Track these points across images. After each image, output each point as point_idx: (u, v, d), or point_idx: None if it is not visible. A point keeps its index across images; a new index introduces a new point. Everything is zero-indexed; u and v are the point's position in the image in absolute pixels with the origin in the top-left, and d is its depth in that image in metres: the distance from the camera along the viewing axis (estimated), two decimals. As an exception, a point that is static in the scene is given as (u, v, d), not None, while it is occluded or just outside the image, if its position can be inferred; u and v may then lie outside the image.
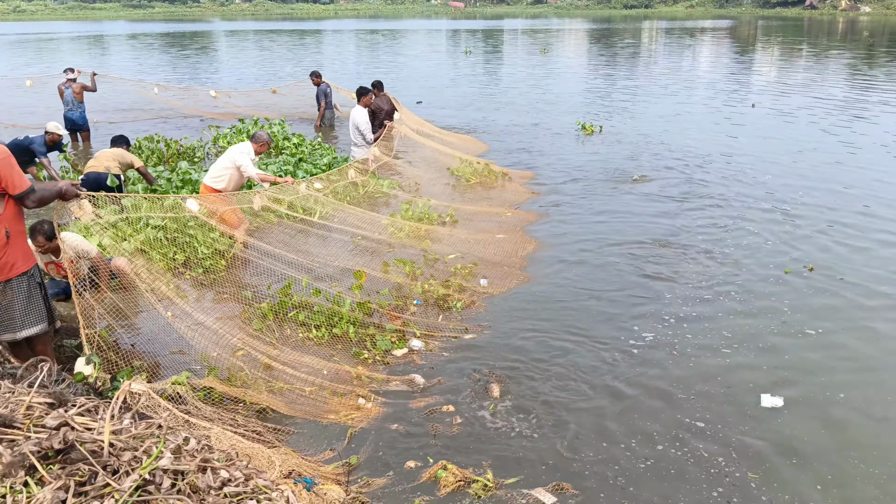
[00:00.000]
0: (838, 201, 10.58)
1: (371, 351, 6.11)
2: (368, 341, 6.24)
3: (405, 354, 6.11)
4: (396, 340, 6.28)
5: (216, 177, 8.55)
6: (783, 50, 39.74)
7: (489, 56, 39.06)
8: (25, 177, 4.64)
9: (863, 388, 5.60)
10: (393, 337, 6.31)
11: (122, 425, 3.01)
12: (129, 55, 40.02)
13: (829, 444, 4.90)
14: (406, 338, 6.34)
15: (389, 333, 6.35)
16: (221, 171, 8.53)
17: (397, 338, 6.32)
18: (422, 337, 6.37)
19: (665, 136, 15.66)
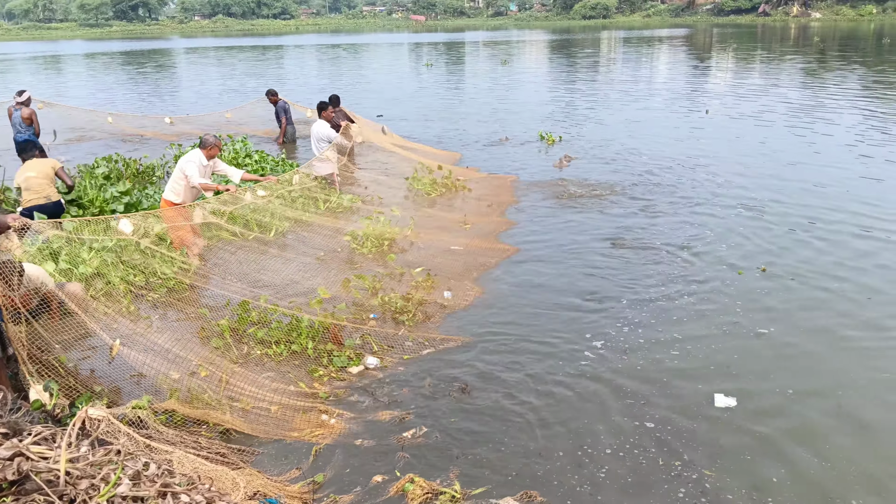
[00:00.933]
0: (793, 202, 10.82)
1: (327, 368, 6.08)
2: (325, 358, 6.21)
3: (361, 372, 6.07)
4: (354, 357, 6.24)
5: (173, 189, 8.44)
6: (738, 56, 40.61)
7: (450, 68, 39.27)
8: None
9: (815, 386, 5.74)
10: (351, 353, 6.28)
11: (79, 453, 2.96)
12: (87, 75, 39.44)
13: (783, 441, 5.00)
14: (363, 354, 6.30)
15: (348, 350, 6.33)
16: (175, 184, 8.42)
17: (354, 354, 6.29)
18: (379, 352, 6.35)
19: (625, 143, 15.88)
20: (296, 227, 9.63)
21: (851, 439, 5.04)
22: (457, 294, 7.64)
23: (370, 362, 6.17)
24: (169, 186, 8.52)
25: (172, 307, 7.20)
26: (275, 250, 8.57)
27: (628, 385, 5.77)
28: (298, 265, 8.22)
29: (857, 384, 5.74)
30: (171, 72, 40.42)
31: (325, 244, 9.11)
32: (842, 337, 6.59)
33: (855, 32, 60.56)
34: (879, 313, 7.01)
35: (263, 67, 41.58)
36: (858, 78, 27.55)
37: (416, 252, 8.92)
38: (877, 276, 7.91)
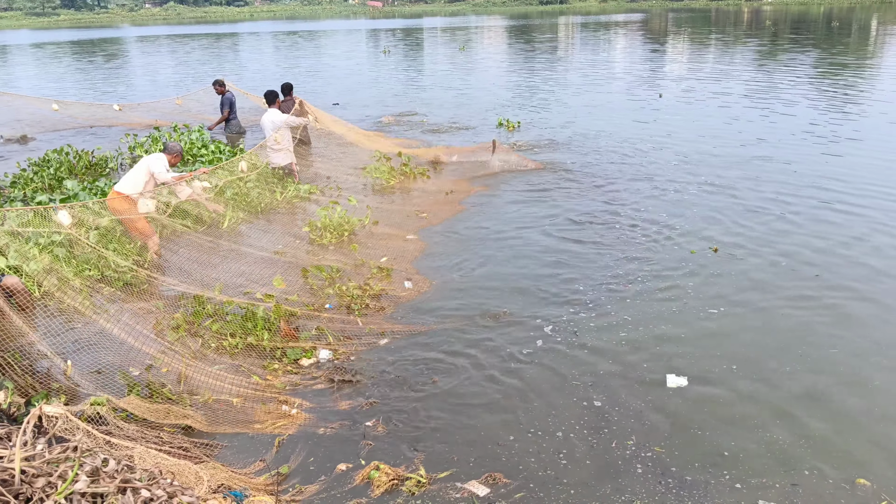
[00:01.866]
0: (747, 182, 11.06)
1: (281, 361, 6.04)
2: (279, 351, 6.17)
3: (312, 364, 6.04)
4: (308, 349, 6.21)
5: (132, 183, 8.20)
6: (693, 40, 41.13)
7: (409, 55, 39.04)
8: None
9: (763, 363, 5.88)
10: (305, 345, 6.24)
11: (35, 451, 2.91)
12: (34, 66, 38.31)
13: (733, 417, 5.15)
14: (317, 346, 6.27)
15: (302, 341, 6.29)
16: (135, 179, 8.22)
17: (309, 346, 6.25)
18: (334, 342, 6.32)
19: (582, 128, 16.05)
20: (252, 218, 9.53)
21: (801, 413, 5.19)
22: (413, 283, 7.65)
23: (322, 355, 6.13)
24: (127, 180, 8.25)
25: (129, 301, 7.07)
26: (229, 243, 8.45)
27: (582, 367, 5.88)
28: (256, 257, 8.13)
29: (806, 360, 5.91)
30: (121, 61, 39.47)
31: (283, 235, 9.04)
32: (788, 315, 6.75)
33: (805, 16, 61.86)
34: (827, 289, 7.22)
35: (218, 55, 40.85)
36: (811, 60, 28.14)
37: (374, 242, 8.88)
38: (830, 254, 8.12)
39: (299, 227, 9.21)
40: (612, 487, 4.41)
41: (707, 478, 4.49)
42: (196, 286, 7.05)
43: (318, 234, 8.86)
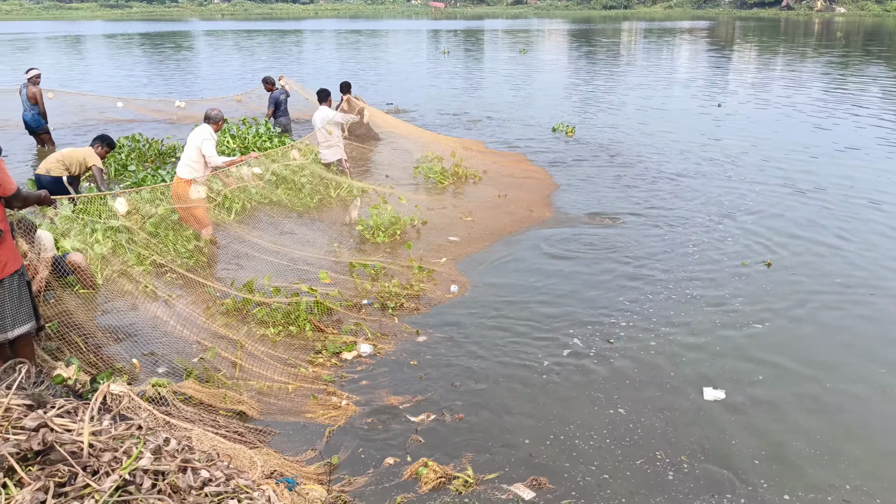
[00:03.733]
0: (808, 198, 10.79)
1: (320, 353, 6.12)
2: (320, 343, 6.25)
3: (355, 357, 6.10)
4: (348, 343, 6.26)
5: (189, 168, 8.31)
6: (759, 50, 40.18)
7: (468, 56, 39.12)
8: (13, 180, 4.63)
9: (805, 383, 5.73)
10: (346, 339, 6.31)
11: (101, 426, 3.01)
12: (106, 56, 39.62)
13: (769, 432, 5.05)
14: (357, 341, 6.32)
15: (343, 335, 6.36)
16: (192, 162, 8.30)
17: (349, 340, 6.31)
18: (373, 339, 6.37)
19: (637, 135, 15.93)
20: (306, 212, 9.69)
21: (840, 434, 5.05)
22: (456, 286, 7.63)
23: (364, 350, 6.18)
24: (185, 165, 8.36)
25: (185, 287, 7.26)
26: (280, 235, 8.59)
27: (622, 377, 5.81)
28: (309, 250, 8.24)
29: (853, 383, 5.73)
30: (188, 54, 40.53)
31: (335, 230, 9.14)
32: (838, 335, 6.57)
33: (880, 28, 59.73)
34: (881, 311, 7.02)
35: (281, 52, 41.59)
36: (884, 74, 27.21)
37: (420, 242, 8.92)
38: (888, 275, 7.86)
39: (350, 223, 9.31)
40: (654, 500, 4.35)
41: (750, 492, 4.40)
42: (247, 273, 7.20)
43: (371, 233, 8.94)
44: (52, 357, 5.51)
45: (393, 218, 9.15)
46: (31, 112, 13.84)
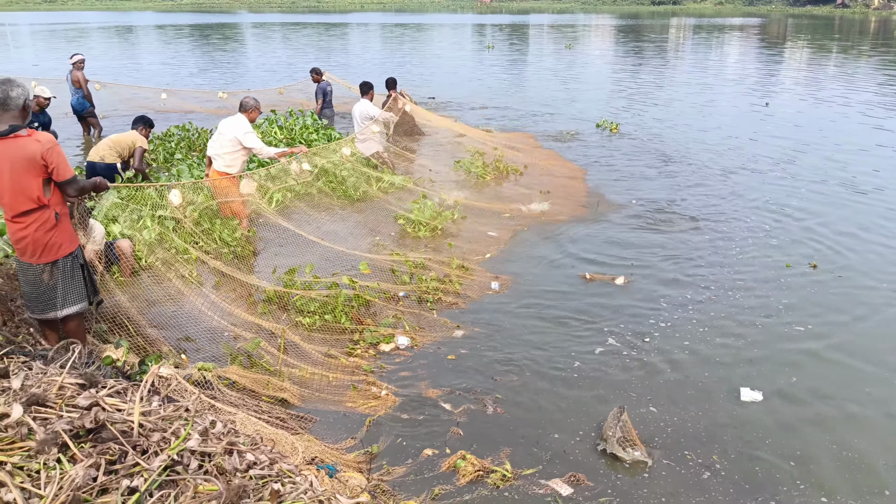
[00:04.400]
0: (855, 200, 10.56)
1: (357, 343, 6.16)
2: (357, 334, 6.29)
3: (392, 350, 6.12)
4: (386, 335, 6.29)
5: (228, 165, 8.27)
6: (811, 48, 39.20)
7: (513, 51, 38.93)
8: (70, 167, 4.75)
9: (846, 386, 5.63)
10: (384, 330, 6.34)
11: (150, 407, 3.08)
12: (156, 46, 40.39)
13: (806, 435, 4.99)
14: (394, 333, 6.34)
15: (382, 327, 6.39)
16: (230, 156, 8.21)
17: (387, 332, 6.34)
18: (410, 331, 6.39)
19: (683, 132, 15.73)
20: (349, 205, 9.75)
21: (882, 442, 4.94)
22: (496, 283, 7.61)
23: (401, 342, 6.21)
24: (222, 158, 8.24)
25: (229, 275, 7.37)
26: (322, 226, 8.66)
27: (659, 376, 5.77)
28: (348, 243, 8.28)
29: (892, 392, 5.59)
30: (236, 45, 41.09)
31: (377, 223, 9.19)
32: (882, 341, 6.41)
33: (940, 27, 57.83)
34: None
35: (327, 45, 41.91)
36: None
37: (460, 237, 8.92)
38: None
39: (393, 218, 9.35)
40: (691, 501, 4.29)
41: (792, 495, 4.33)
42: (289, 262, 7.28)
43: (414, 228, 8.95)
44: (100, 340, 5.66)
45: (434, 213, 9.16)
46: (75, 96, 14.11)
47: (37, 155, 4.52)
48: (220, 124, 8.37)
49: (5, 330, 5.06)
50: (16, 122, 4.58)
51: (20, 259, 4.86)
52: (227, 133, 8.17)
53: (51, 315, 4.95)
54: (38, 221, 4.69)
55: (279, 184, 8.99)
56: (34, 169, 4.55)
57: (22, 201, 4.62)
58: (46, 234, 4.74)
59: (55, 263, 4.86)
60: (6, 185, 4.58)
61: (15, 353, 3.84)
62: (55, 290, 4.90)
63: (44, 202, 4.66)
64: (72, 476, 2.46)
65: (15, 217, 4.68)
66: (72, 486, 2.39)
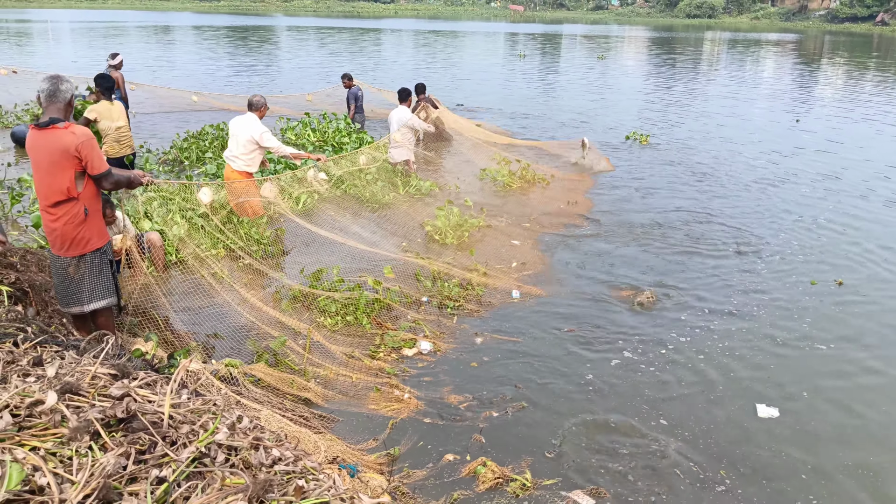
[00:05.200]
0: (883, 220, 10.44)
1: (379, 347, 6.20)
2: (378, 338, 6.33)
3: (415, 354, 6.15)
4: (407, 339, 6.33)
5: (247, 164, 8.39)
6: (848, 66, 38.67)
7: (545, 60, 38.91)
8: (104, 159, 4.84)
9: (865, 405, 5.59)
10: (404, 335, 6.37)
11: (180, 400, 3.14)
12: (192, 47, 40.97)
13: (821, 453, 4.98)
14: (416, 338, 6.38)
15: (401, 332, 6.42)
16: (249, 155, 8.34)
17: (408, 337, 6.37)
18: (431, 336, 6.41)
19: (713, 146, 15.62)
20: (378, 209, 9.81)
21: None
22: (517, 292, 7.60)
23: (424, 347, 6.23)
24: (240, 158, 8.35)
25: (258, 272, 7.46)
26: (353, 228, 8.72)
27: (678, 390, 5.75)
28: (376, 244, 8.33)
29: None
30: (270, 47, 41.54)
31: (404, 228, 9.23)
32: None
33: (982, 48, 56.72)
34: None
35: (360, 50, 42.21)
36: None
37: (484, 245, 8.92)
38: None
39: (419, 224, 9.39)
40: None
41: None
42: (313, 263, 7.35)
43: (442, 235, 8.97)
44: (130, 334, 5.76)
45: (459, 220, 9.17)
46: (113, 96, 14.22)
47: (71, 147, 4.62)
48: (230, 125, 8.52)
49: (38, 320, 5.17)
50: (57, 116, 4.69)
51: (51, 251, 4.97)
52: (242, 134, 8.31)
53: (76, 309, 5.04)
54: (68, 215, 4.78)
55: (300, 189, 9.07)
56: (68, 161, 4.65)
57: (53, 192, 4.72)
58: (75, 228, 4.83)
59: (82, 258, 4.95)
60: (43, 175, 4.69)
61: (48, 342, 3.93)
62: (82, 284, 4.99)
63: (74, 195, 4.75)
64: (103, 463, 2.52)
65: (47, 208, 4.79)
66: (103, 473, 2.44)
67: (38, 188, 4.77)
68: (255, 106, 8.41)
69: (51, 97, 4.68)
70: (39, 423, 2.72)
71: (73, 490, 2.35)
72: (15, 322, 4.44)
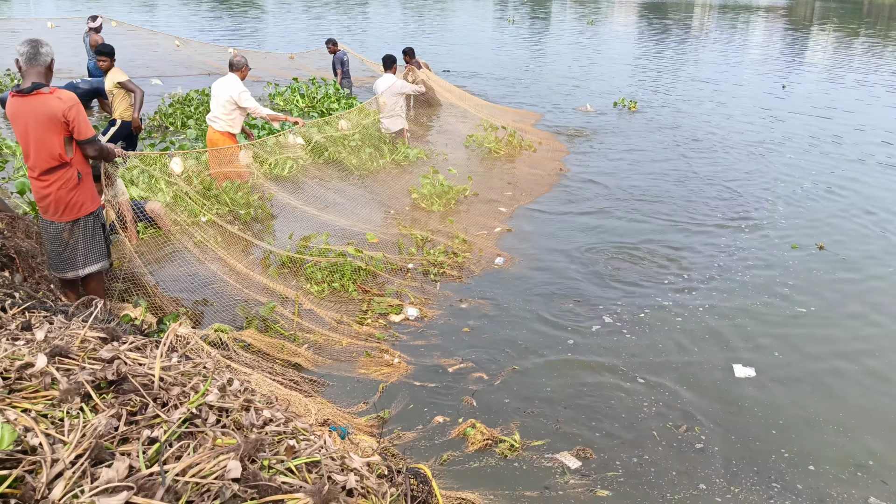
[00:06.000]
0: (866, 185, 10.53)
1: (366, 313, 6.21)
2: (365, 304, 6.33)
3: (403, 320, 6.17)
4: (393, 305, 6.34)
5: (228, 123, 8.34)
6: (837, 33, 38.52)
7: (534, 25, 38.51)
8: (91, 126, 4.79)
9: (843, 369, 5.69)
10: (391, 301, 6.38)
11: (170, 363, 3.15)
12: (176, 9, 40.21)
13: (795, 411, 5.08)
14: (402, 304, 6.39)
15: (388, 298, 6.43)
16: (229, 115, 8.30)
17: (396, 303, 6.39)
18: (416, 303, 6.43)
19: (701, 112, 15.64)
20: (366, 175, 9.76)
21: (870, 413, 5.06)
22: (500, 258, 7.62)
23: (411, 313, 6.25)
24: (221, 119, 8.32)
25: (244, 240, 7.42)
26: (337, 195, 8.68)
27: (664, 355, 5.81)
28: (358, 215, 8.31)
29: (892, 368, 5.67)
30: (255, 13, 40.85)
31: (390, 195, 9.20)
32: (882, 323, 6.44)
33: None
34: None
35: (348, 14, 41.59)
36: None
37: (468, 213, 8.91)
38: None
39: (405, 191, 9.35)
40: (685, 476, 4.35)
41: (783, 472, 4.43)
42: (298, 229, 7.33)
43: (429, 202, 8.93)
44: (119, 300, 5.74)
45: (444, 187, 9.12)
46: (94, 60, 13.85)
47: (58, 112, 4.56)
48: (213, 86, 8.48)
49: (26, 285, 5.15)
50: (39, 80, 4.63)
51: (43, 217, 4.93)
52: (222, 94, 8.28)
53: (71, 274, 5.03)
54: (62, 180, 4.75)
55: (276, 155, 8.99)
56: (55, 126, 4.60)
57: (45, 159, 4.68)
58: (69, 192, 4.81)
59: (76, 222, 4.93)
60: (30, 142, 4.64)
61: (36, 307, 3.92)
62: (76, 249, 4.98)
63: (66, 160, 4.72)
64: (94, 424, 2.53)
65: (40, 175, 4.74)
66: (94, 433, 2.45)
67: (27, 156, 4.71)
68: (237, 66, 8.36)
69: (30, 60, 4.61)
70: (30, 386, 2.72)
71: (66, 450, 2.36)
72: (2, 287, 4.42)
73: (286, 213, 8.15)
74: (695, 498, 4.18)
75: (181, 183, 7.45)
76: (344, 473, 2.61)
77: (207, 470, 2.29)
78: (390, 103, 11.01)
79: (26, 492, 2.10)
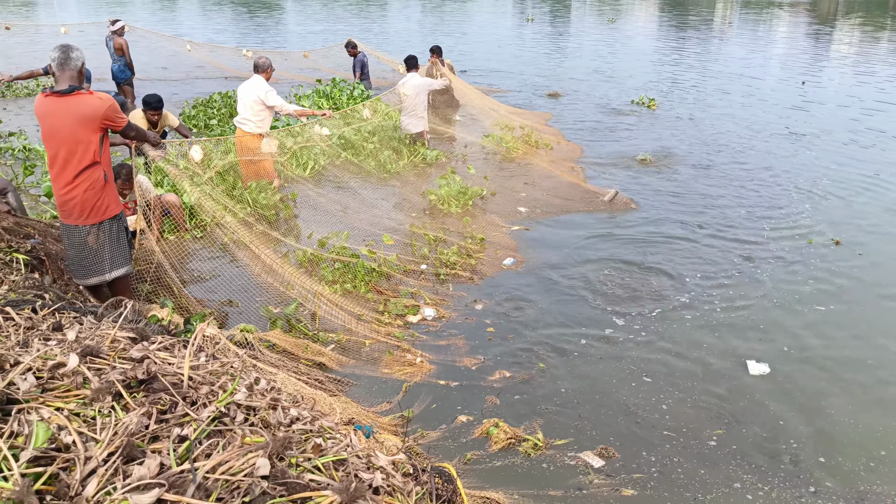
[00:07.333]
0: (884, 181, 10.41)
1: (382, 314, 6.23)
2: (381, 305, 6.36)
3: (420, 320, 6.18)
4: (409, 306, 6.35)
5: (256, 123, 8.38)
6: (863, 28, 37.97)
7: (554, 23, 38.38)
8: (124, 115, 4.93)
9: (858, 362, 5.65)
10: (407, 302, 6.40)
11: (199, 362, 3.19)
12: (197, 10, 40.58)
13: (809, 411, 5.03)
14: (418, 305, 6.40)
15: (403, 298, 6.44)
16: (258, 116, 8.34)
17: (412, 303, 6.40)
18: (431, 304, 6.44)
19: (720, 111, 15.44)
20: (382, 177, 9.78)
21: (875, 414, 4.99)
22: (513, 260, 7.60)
23: (428, 313, 6.26)
24: (251, 120, 8.35)
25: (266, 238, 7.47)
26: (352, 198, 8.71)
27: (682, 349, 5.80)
28: (375, 215, 8.33)
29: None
30: (277, 15, 41.10)
31: (408, 196, 9.21)
32: None
33: None
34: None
35: (367, 14, 41.72)
36: None
37: (485, 214, 8.90)
38: None
39: (423, 193, 9.36)
40: (712, 475, 4.33)
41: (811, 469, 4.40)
42: (315, 230, 7.37)
43: (446, 203, 8.92)
44: (146, 300, 5.82)
45: (462, 188, 9.09)
46: (117, 63, 13.87)
47: (99, 111, 4.68)
48: (238, 89, 8.55)
49: (55, 287, 5.23)
50: (73, 83, 4.72)
51: (65, 223, 4.97)
52: (248, 96, 8.34)
53: (96, 280, 5.08)
54: (89, 180, 4.82)
55: (300, 142, 9.04)
56: (93, 124, 4.71)
57: (79, 157, 4.75)
58: (96, 194, 4.88)
59: (101, 225, 4.99)
60: (63, 141, 4.72)
61: (66, 308, 3.99)
62: (102, 253, 5.03)
63: (97, 159, 4.80)
64: (126, 423, 2.57)
65: (70, 177, 4.81)
66: (126, 431, 2.49)
67: (54, 157, 4.78)
68: (262, 67, 8.43)
69: (62, 65, 4.70)
70: (62, 385, 2.78)
71: (98, 448, 2.40)
72: (33, 289, 4.50)
73: (305, 214, 8.21)
74: (726, 496, 4.15)
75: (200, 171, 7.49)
76: (370, 472, 2.63)
77: (237, 467, 2.32)
78: (413, 101, 10.91)
79: (61, 488, 2.14)
